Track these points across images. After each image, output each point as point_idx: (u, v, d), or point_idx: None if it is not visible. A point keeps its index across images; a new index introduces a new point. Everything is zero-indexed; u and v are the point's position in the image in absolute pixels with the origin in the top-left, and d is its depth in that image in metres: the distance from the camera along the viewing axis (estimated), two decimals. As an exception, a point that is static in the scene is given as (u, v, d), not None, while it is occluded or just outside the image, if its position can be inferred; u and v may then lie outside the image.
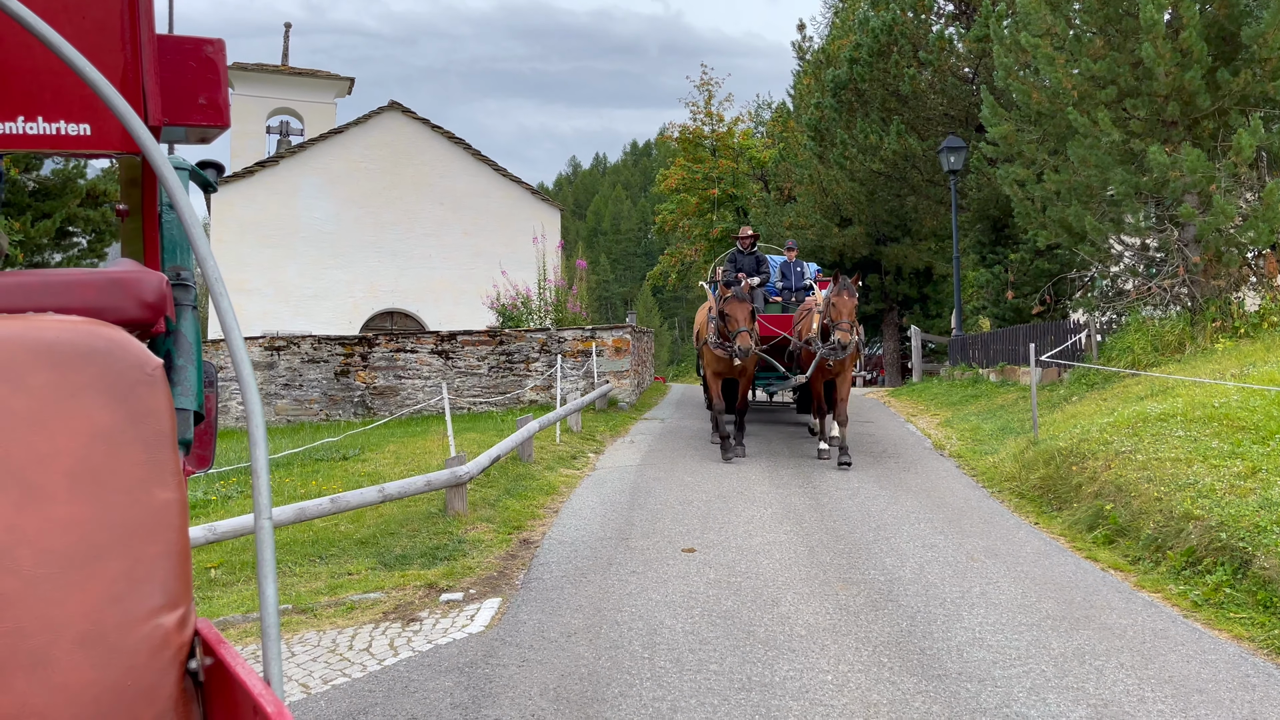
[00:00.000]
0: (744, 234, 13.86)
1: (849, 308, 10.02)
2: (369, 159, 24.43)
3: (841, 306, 9.99)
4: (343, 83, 28.74)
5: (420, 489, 7.68)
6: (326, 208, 24.01)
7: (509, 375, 17.52)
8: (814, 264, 14.92)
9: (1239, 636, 5.03)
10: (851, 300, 10.02)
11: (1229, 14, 12.72)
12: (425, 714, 4.22)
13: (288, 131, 28.11)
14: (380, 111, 24.76)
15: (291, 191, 23.81)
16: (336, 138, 24.43)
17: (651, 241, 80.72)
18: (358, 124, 24.59)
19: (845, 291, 10.03)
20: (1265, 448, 6.91)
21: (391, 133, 24.69)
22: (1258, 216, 12.29)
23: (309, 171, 24.01)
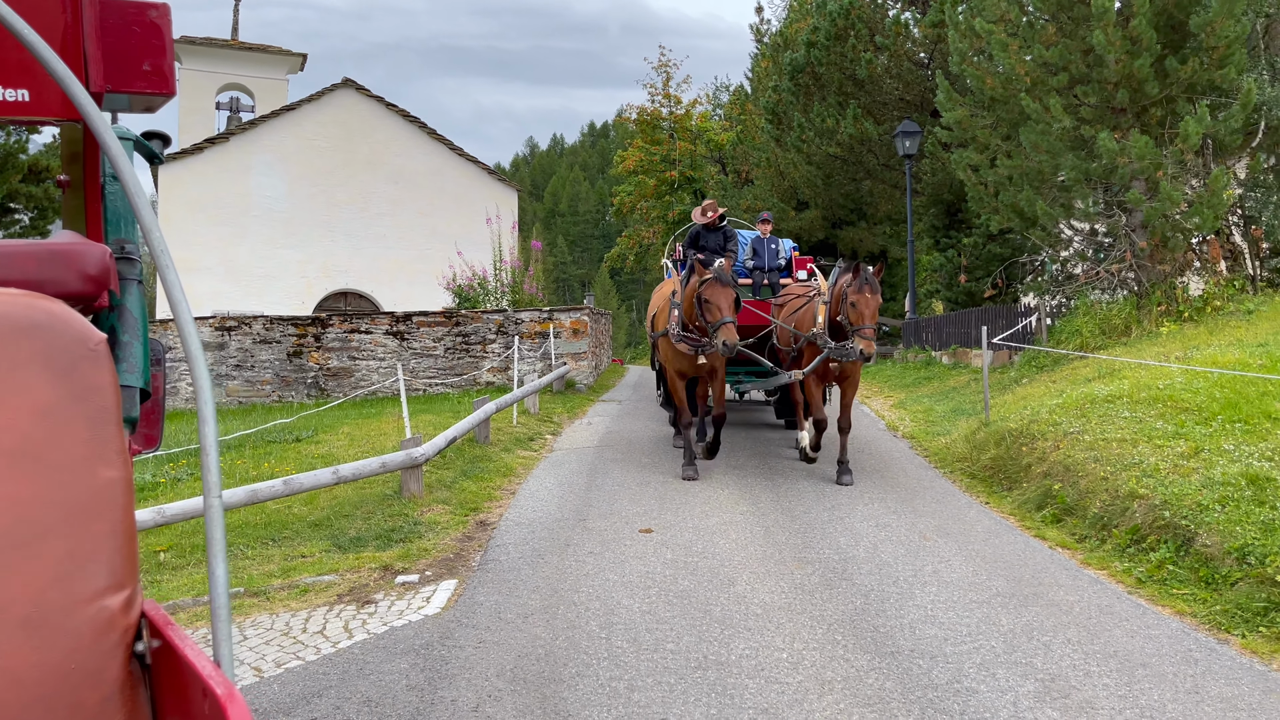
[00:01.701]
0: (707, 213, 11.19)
1: (873, 308, 8.06)
2: (322, 137, 24.03)
3: (864, 307, 8.00)
4: (295, 58, 28.20)
5: (375, 471, 7.61)
6: (278, 186, 23.60)
7: (465, 357, 17.40)
8: (789, 240, 12.70)
9: (1181, 612, 5.17)
10: (876, 299, 8.08)
11: (1178, 2, 12.93)
12: (380, 696, 4.19)
13: (238, 108, 27.53)
14: (334, 88, 24.36)
15: (242, 169, 23.36)
16: (289, 115, 23.98)
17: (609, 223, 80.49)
18: (311, 101, 24.17)
19: (868, 288, 8.02)
20: (1207, 428, 7.08)
21: (345, 110, 24.30)
22: (1202, 203, 12.55)
23: (260, 149, 23.56)
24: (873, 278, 8.12)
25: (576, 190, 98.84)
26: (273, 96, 27.10)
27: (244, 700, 1.19)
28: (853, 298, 8.04)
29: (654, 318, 10.13)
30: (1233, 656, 4.50)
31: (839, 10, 23.43)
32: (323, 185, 23.93)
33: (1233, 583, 5.19)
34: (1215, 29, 12.27)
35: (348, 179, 24.12)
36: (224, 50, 27.21)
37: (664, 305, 9.59)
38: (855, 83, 23.43)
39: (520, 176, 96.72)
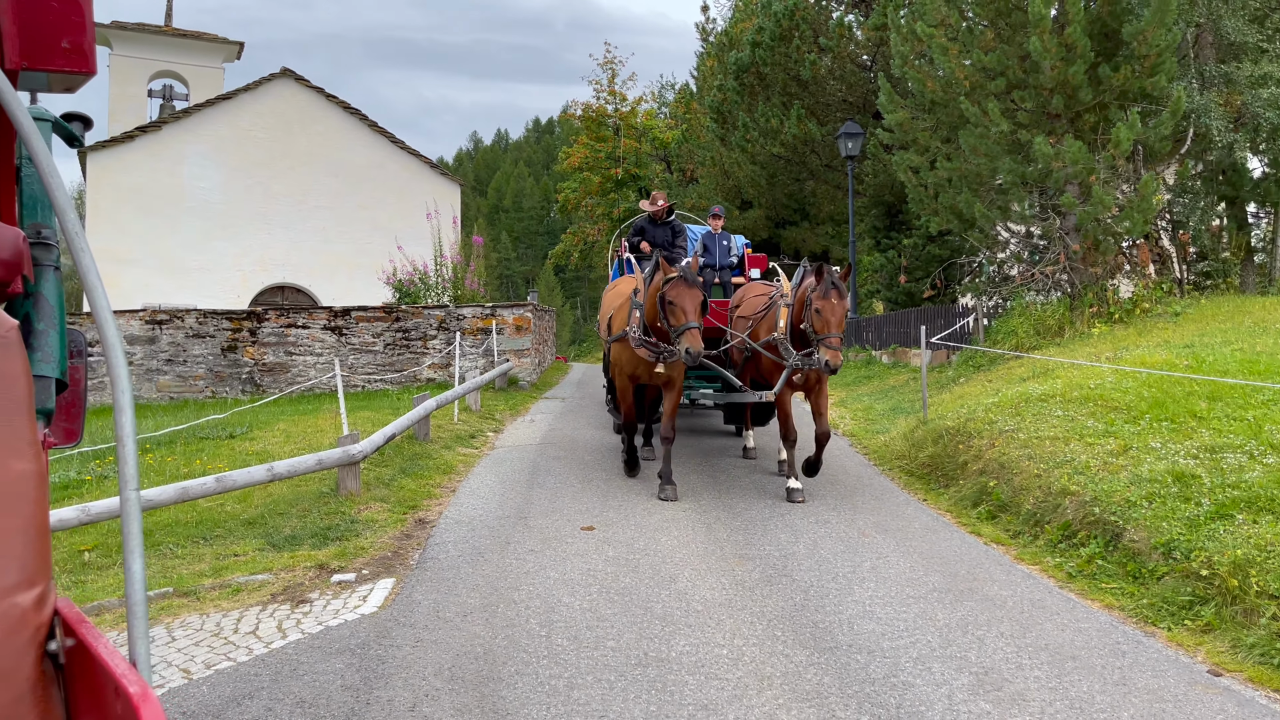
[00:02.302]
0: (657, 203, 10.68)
1: (839, 315, 7.36)
2: (259, 127, 23.55)
3: (829, 314, 7.30)
4: (231, 46, 27.57)
5: (311, 468, 7.46)
6: (213, 177, 23.06)
7: (405, 353, 17.19)
8: (741, 236, 12.18)
9: (1110, 606, 5.29)
10: (843, 305, 7.39)
11: (1111, 11, 13.25)
12: (314, 697, 4.11)
13: (171, 96, 26.82)
14: (272, 78, 23.88)
15: (176, 159, 22.79)
16: (224, 104, 23.46)
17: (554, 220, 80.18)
18: (248, 90, 23.67)
19: (834, 293, 7.33)
20: (1136, 427, 7.27)
21: (284, 101, 23.84)
22: (1133, 207, 12.89)
23: (194, 139, 23.01)
24: (839, 282, 7.42)
25: (521, 186, 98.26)
26: (208, 85, 26.47)
27: (158, 700, 1.14)
28: (817, 304, 7.34)
29: (610, 319, 8.97)
30: (1159, 649, 4.62)
31: (784, 11, 23.62)
32: (260, 177, 23.45)
33: (1159, 577, 5.32)
34: (1147, 38, 12.60)
35: (286, 171, 23.67)
36: (157, 36, 26.50)
37: (622, 305, 8.63)
38: (799, 83, 23.64)
39: (464, 171, 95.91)
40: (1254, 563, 4.81)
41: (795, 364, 7.79)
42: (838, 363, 7.21)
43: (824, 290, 7.36)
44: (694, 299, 7.34)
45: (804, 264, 8.01)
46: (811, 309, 7.40)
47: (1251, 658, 4.38)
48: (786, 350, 7.85)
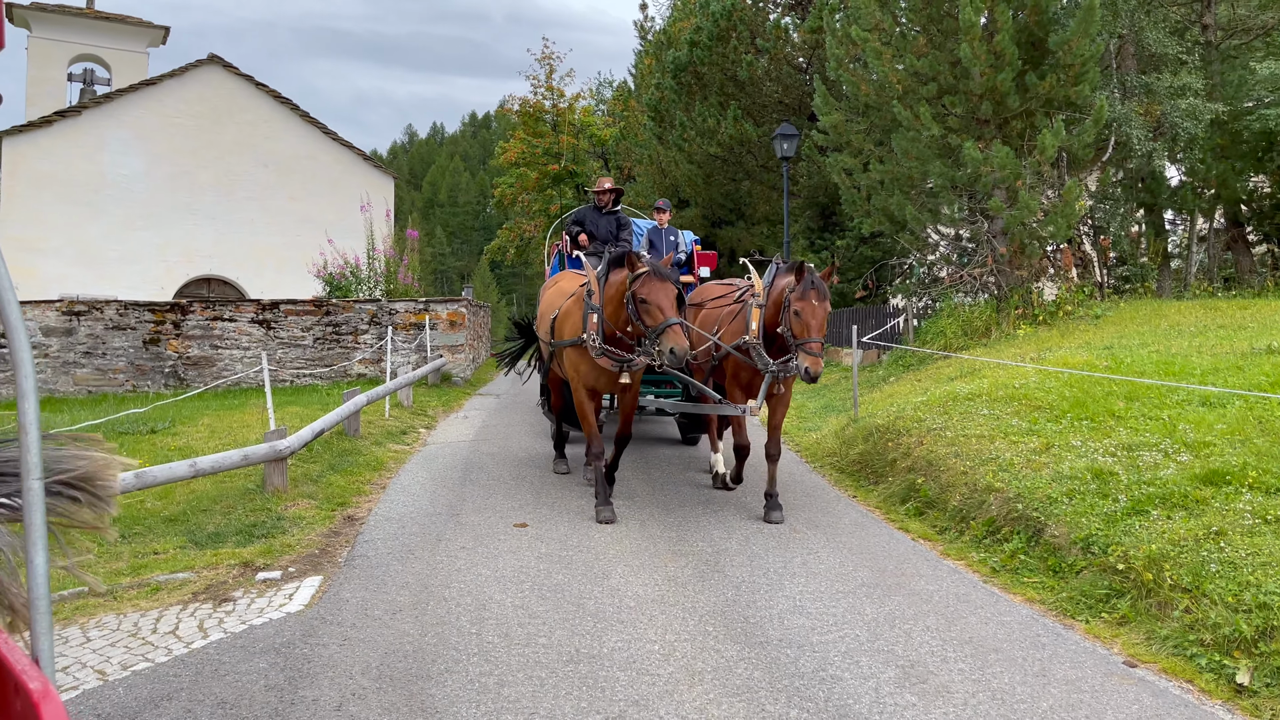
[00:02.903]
0: (602, 186, 9.97)
1: (821, 319, 6.68)
2: (185, 115, 22.91)
3: (810, 317, 6.62)
4: (156, 31, 26.77)
5: (236, 464, 7.27)
6: (136, 165, 22.37)
7: (336, 347, 16.89)
8: (689, 232, 11.51)
9: (1031, 599, 5.42)
10: (824, 307, 6.71)
11: (1038, 21, 13.59)
12: (236, 697, 4.00)
13: (93, 80, 25.93)
14: (199, 64, 23.26)
15: (96, 145, 22.06)
16: (148, 90, 22.77)
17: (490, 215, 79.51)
18: (173, 76, 23.01)
19: (814, 294, 6.65)
20: (1058, 425, 7.46)
21: (211, 88, 23.23)
22: (1057, 212, 13.24)
23: (117, 125, 22.29)
24: (820, 282, 6.73)
25: (456, 180, 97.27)
26: (131, 70, 25.65)
27: (59, 698, 1.09)
28: (796, 305, 6.65)
29: (554, 321, 7.90)
30: (1077, 641, 4.75)
31: (721, 11, 23.76)
32: (185, 166, 22.82)
33: (1078, 571, 5.47)
34: (1072, 48, 12.95)
35: (213, 160, 23.07)
36: (78, 19, 25.60)
37: (570, 307, 7.61)
38: (736, 84, 23.80)
39: (398, 164, 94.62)
40: (1168, 557, 4.97)
41: (774, 371, 7.09)
42: (818, 370, 6.53)
43: (803, 290, 6.66)
44: (669, 294, 6.55)
45: (776, 260, 7.32)
46: (790, 311, 6.71)
47: (1165, 649, 4.53)
48: (760, 356, 7.14)
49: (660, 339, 6.44)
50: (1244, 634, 4.24)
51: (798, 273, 6.75)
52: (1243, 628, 4.25)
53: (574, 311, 7.53)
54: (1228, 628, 4.32)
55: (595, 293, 7.15)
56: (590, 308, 7.15)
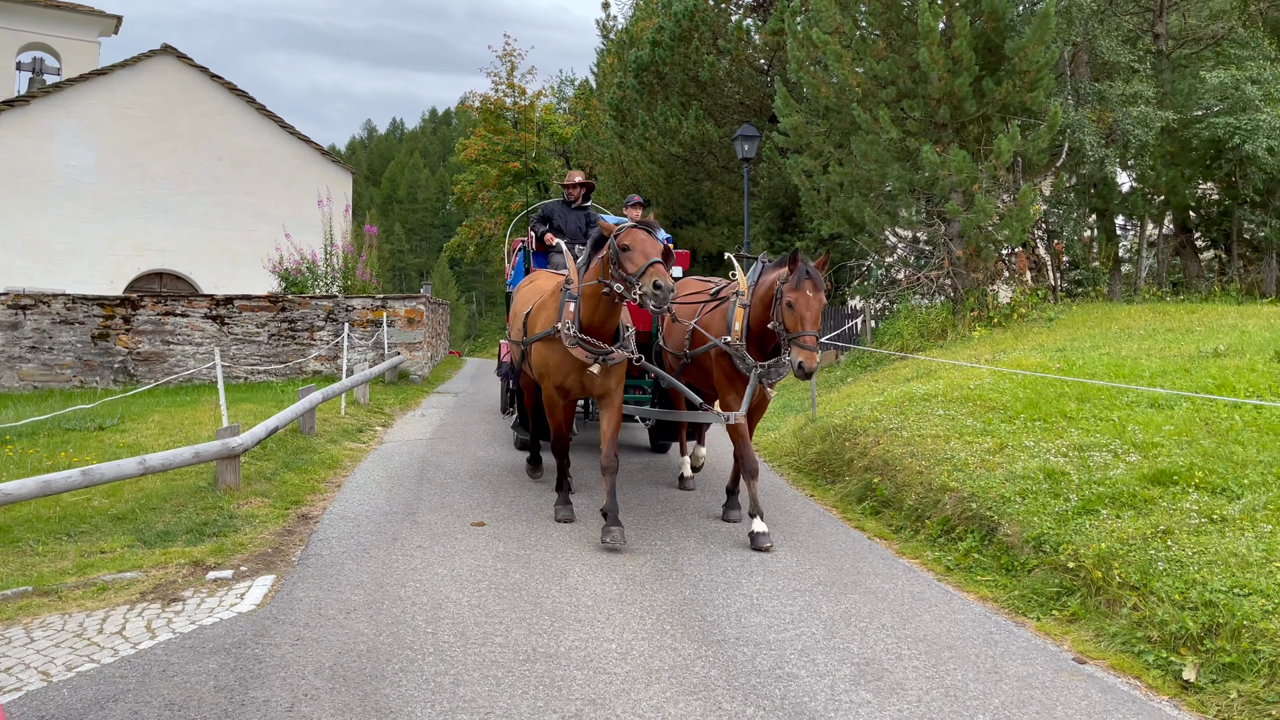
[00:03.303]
0: (572, 180, 9.67)
1: (816, 311, 6.22)
2: (138, 106, 22.45)
3: (805, 308, 6.14)
4: (108, 20, 26.22)
5: (188, 461, 7.14)
6: (86, 156, 21.88)
7: (291, 344, 16.66)
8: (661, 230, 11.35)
9: (984, 597, 5.49)
10: (819, 298, 6.24)
11: (995, 27, 13.78)
12: (185, 699, 3.92)
13: (42, 70, 25.33)
14: (152, 55, 22.79)
15: (45, 135, 21.53)
16: (100, 80, 22.27)
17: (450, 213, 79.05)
18: (125, 66, 22.52)
19: (809, 284, 6.19)
20: (1011, 426, 7.57)
21: (165, 79, 22.78)
22: (1012, 216, 13.43)
23: (66, 115, 21.78)
24: (816, 272, 6.25)
25: (416, 177, 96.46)
26: (82, 59, 25.08)
27: None
28: (790, 296, 6.18)
29: (526, 318, 7.42)
30: (1028, 638, 4.82)
31: (684, 12, 23.80)
32: (137, 158, 22.35)
33: (1030, 569, 5.55)
34: (1027, 54, 13.15)
35: (166, 153, 22.63)
36: (27, 6, 24.97)
37: (547, 300, 7.11)
38: (698, 84, 23.86)
39: (357, 160, 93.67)
40: (1116, 555, 5.06)
41: (761, 373, 6.66)
42: (813, 365, 6.09)
43: (797, 280, 6.20)
44: (653, 241, 6.17)
45: (762, 258, 6.90)
46: (782, 302, 6.24)
47: (1113, 646, 4.61)
48: (741, 357, 6.70)
49: (642, 279, 5.95)
50: (1190, 631, 4.33)
51: (791, 262, 6.29)
52: (1189, 625, 4.34)
53: (549, 304, 7.02)
54: (1174, 625, 4.41)
55: (575, 281, 6.70)
56: (568, 296, 6.67)
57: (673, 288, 5.91)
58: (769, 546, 6.43)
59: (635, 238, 6.16)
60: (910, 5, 14.10)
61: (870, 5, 14.77)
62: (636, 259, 6.06)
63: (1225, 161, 17.70)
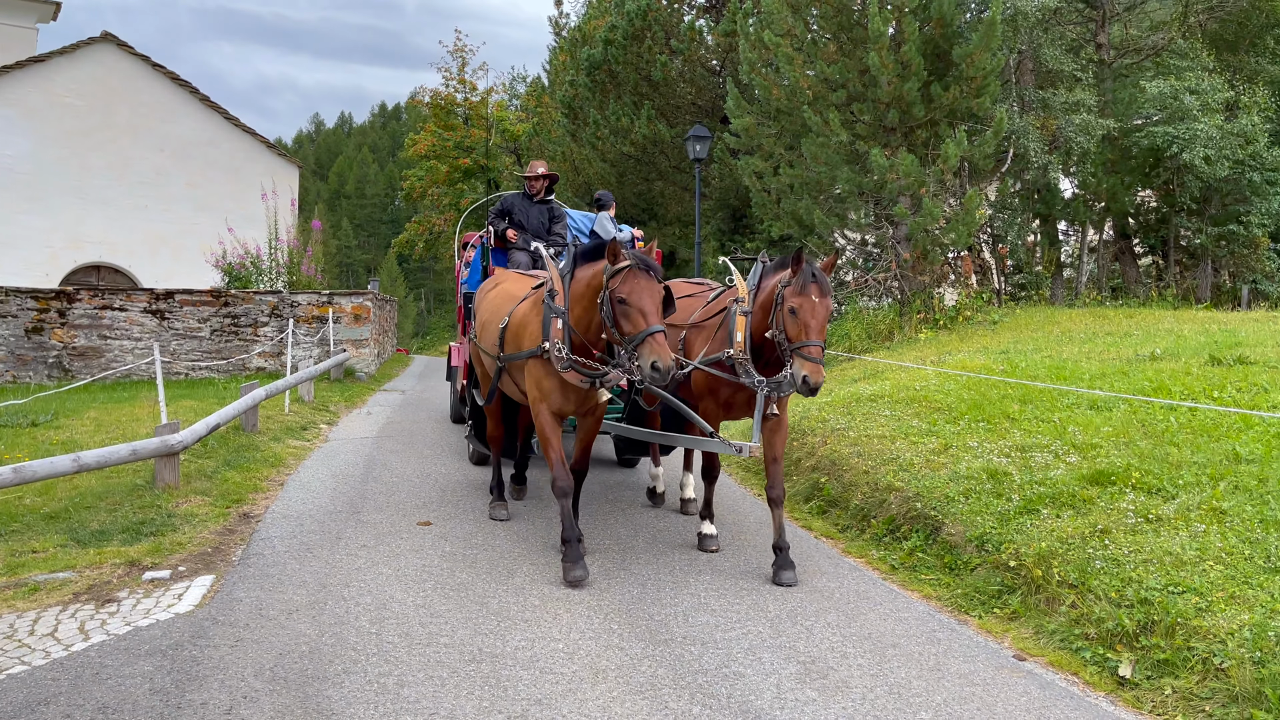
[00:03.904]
0: (534, 170, 8.95)
1: (822, 317, 5.43)
2: (76, 95, 21.88)
3: (809, 315, 5.35)
4: (46, 6, 25.49)
5: (125, 458, 6.97)
6: (20, 145, 21.26)
7: (234, 339, 16.34)
8: (629, 227, 10.11)
9: (928, 596, 5.56)
10: (826, 303, 5.46)
11: (943, 33, 13.98)
12: (119, 702, 3.82)
13: (-25, 55, 24.55)
14: (91, 42, 22.23)
15: (-22, 123, 20.90)
16: (36, 68, 21.67)
17: (398, 208, 78.18)
18: (64, 54, 21.94)
19: (815, 288, 5.40)
20: (956, 426, 7.68)
21: (104, 67, 22.23)
22: (959, 220, 13.64)
23: (2, 103, 21.17)
24: (822, 275, 5.49)
25: (364, 172, 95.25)
26: (18, 46, 24.34)
27: None
28: (793, 301, 5.39)
29: (503, 331, 6.44)
30: (970, 636, 4.89)
31: (636, 11, 23.79)
32: (75, 148, 21.78)
33: (972, 568, 5.64)
34: (974, 61, 13.36)
35: (105, 142, 22.08)
36: (-40, -11, 24.21)
37: (527, 312, 6.21)
38: (650, 84, 23.87)
39: (303, 154, 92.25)
40: (1056, 554, 5.15)
41: (767, 390, 5.79)
42: (819, 379, 5.25)
43: (802, 283, 5.41)
44: (655, 294, 5.22)
45: (762, 259, 6.04)
46: (784, 308, 5.44)
47: (1052, 643, 4.69)
48: (747, 372, 5.85)
49: (639, 350, 5.08)
50: (1126, 628, 4.42)
51: (794, 262, 5.51)
52: (1125, 622, 4.43)
53: (531, 317, 6.11)
54: (1111, 622, 4.50)
55: (559, 293, 5.80)
56: (553, 311, 5.75)
57: (672, 368, 5.02)
58: (716, 549, 6.31)
59: (635, 288, 5.15)
60: (861, 10, 14.25)
61: (821, 9, 14.89)
62: (634, 318, 5.13)
63: (1163, 170, 18.17)
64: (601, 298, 5.33)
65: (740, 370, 5.90)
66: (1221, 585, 4.41)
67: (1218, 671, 3.97)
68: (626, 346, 5.20)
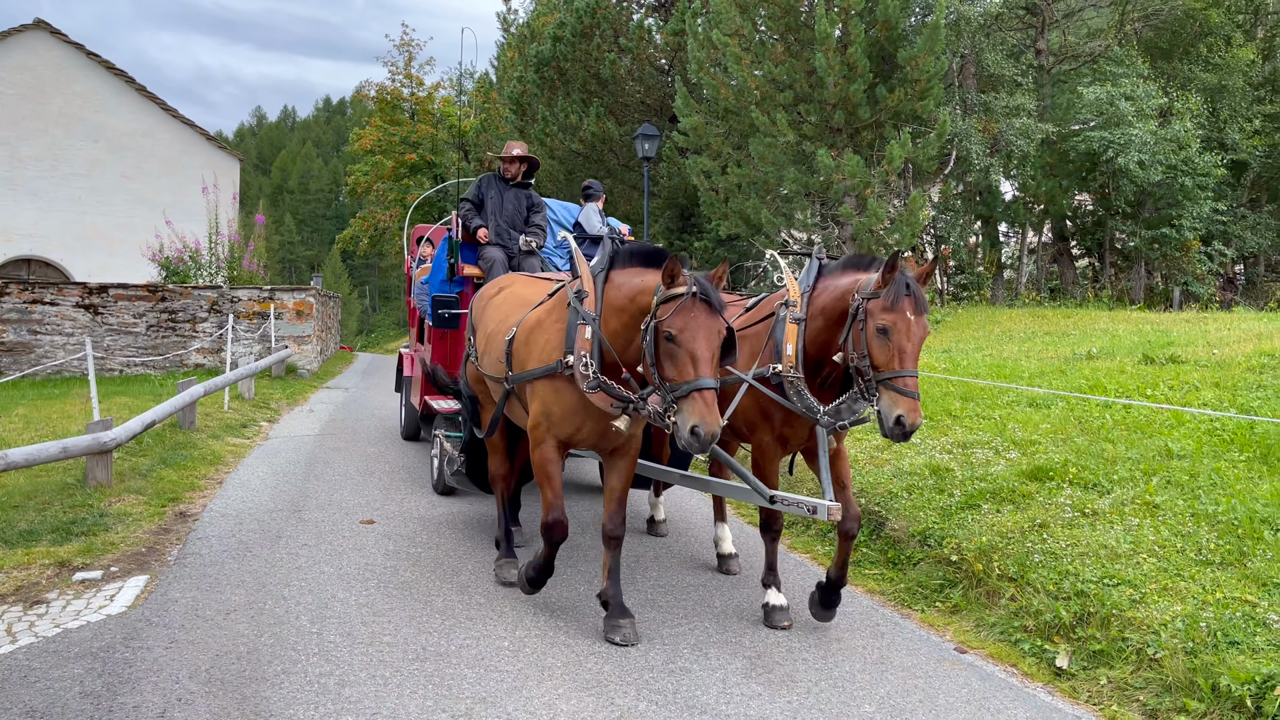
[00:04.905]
0: (510, 152, 7.87)
1: (919, 341, 4.24)
2: (6, 83, 21.23)
3: (906, 337, 4.16)
4: (-25, -10, 24.70)
5: (54, 456, 6.75)
6: (-52, 133, 20.57)
7: (171, 335, 15.97)
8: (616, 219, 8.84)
9: (872, 590, 5.62)
10: (923, 324, 4.24)
11: (889, 36, 14.16)
12: (48, 706, 3.70)
13: (-101, 39, 23.67)
14: (23, 29, 21.59)
15: (-99, 110, 20.16)
16: (-36, 53, 20.97)
17: (343, 204, 77.02)
18: (-7, 40, 21.27)
19: (910, 302, 4.17)
20: (900, 424, 7.78)
21: (36, 56, 21.60)
22: (903, 220, 13.83)
23: (-74, 88, 20.45)
24: (918, 287, 4.21)
25: (308, 167, 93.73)
26: (-55, 31, 23.57)
27: None
28: (884, 318, 4.16)
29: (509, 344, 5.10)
30: (913, 629, 4.95)
31: (585, 8, 23.74)
32: (4, 138, 21.15)
33: (915, 563, 5.71)
34: (918, 64, 13.55)
35: (36, 133, 21.45)
36: (-118, -31, 23.33)
37: (543, 320, 4.93)
38: (599, 82, 23.83)
39: (245, 148, 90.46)
40: (996, 549, 5.24)
41: (831, 423, 4.60)
42: (917, 419, 4.08)
43: (894, 297, 4.15)
44: (712, 337, 4.02)
45: (817, 254, 4.93)
46: (869, 326, 4.21)
47: (992, 636, 4.77)
48: (800, 395, 4.63)
49: (680, 405, 3.95)
50: (1063, 620, 4.51)
51: (887, 269, 4.22)
52: (1062, 614, 4.52)
53: (549, 323, 4.87)
54: (1049, 615, 4.58)
55: (590, 295, 4.62)
56: (581, 317, 4.58)
57: (716, 437, 3.89)
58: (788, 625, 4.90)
59: (690, 325, 3.98)
60: (808, 11, 14.37)
61: (769, 9, 14.99)
62: (682, 364, 3.97)
63: (1100, 174, 18.62)
64: (645, 324, 4.16)
65: (791, 392, 4.66)
66: (1155, 577, 4.52)
67: (1151, 662, 4.07)
68: (665, 395, 4.05)
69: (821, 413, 4.60)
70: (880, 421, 4.17)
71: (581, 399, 4.55)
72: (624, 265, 4.59)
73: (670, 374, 4.02)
